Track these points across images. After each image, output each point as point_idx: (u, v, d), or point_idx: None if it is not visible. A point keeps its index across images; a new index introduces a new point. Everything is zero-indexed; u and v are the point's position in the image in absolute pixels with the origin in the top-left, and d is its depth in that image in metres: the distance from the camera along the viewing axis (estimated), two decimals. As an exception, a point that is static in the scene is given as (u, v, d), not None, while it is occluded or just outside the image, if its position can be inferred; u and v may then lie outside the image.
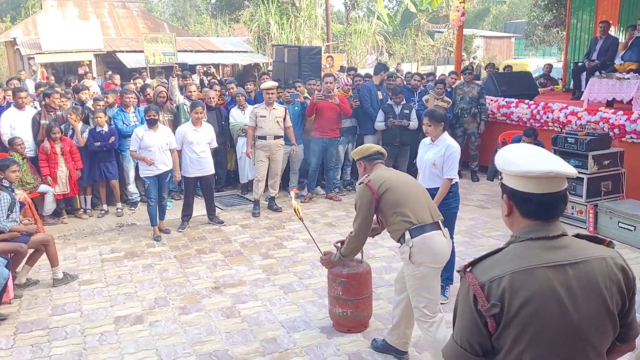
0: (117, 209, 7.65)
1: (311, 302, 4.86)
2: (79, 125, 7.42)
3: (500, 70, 13.46)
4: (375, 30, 25.88)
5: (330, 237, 6.43)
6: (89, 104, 7.96)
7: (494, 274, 1.60)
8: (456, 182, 4.70)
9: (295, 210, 4.34)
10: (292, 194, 4.85)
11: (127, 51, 16.76)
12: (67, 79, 10.78)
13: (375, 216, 3.67)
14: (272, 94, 7.36)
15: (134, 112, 7.79)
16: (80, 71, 13.62)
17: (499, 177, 1.77)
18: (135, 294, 5.14)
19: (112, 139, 7.40)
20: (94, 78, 13.98)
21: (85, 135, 7.36)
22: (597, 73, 8.47)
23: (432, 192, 4.46)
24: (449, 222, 4.45)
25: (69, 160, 7.18)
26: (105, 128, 7.41)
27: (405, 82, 9.80)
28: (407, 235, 3.42)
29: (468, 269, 1.67)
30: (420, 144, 4.87)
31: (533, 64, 21.27)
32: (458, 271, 1.71)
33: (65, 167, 7.17)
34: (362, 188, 3.57)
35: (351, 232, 3.70)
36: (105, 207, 7.63)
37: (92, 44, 16.47)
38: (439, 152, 4.57)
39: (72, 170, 7.20)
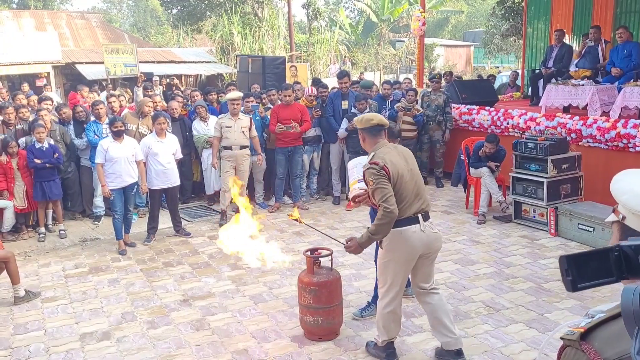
0: (59, 230, 7.21)
1: (282, 312, 4.84)
2: (22, 140, 7.13)
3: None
4: (338, 40, 26.09)
5: (298, 246, 6.43)
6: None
7: (623, 349, 1.16)
8: None
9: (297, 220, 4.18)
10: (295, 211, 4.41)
11: (86, 62, 16.45)
12: (14, 93, 10.16)
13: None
14: (237, 104, 7.34)
15: (107, 124, 7.52)
16: (39, 83, 13.30)
17: (620, 217, 1.39)
18: (101, 309, 5.03)
19: (56, 155, 7.00)
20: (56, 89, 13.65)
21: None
22: (553, 80, 8.74)
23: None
24: None
25: (25, 175, 6.99)
26: (46, 144, 6.96)
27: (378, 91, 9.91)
28: None
29: (582, 339, 1.24)
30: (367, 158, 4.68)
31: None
32: (563, 339, 1.30)
33: (22, 182, 6.97)
34: (377, 171, 3.53)
35: (380, 208, 3.51)
36: (43, 230, 7.12)
37: (50, 55, 16.09)
38: None
39: (28, 185, 6.99)
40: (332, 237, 4.46)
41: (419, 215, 3.66)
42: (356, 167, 4.29)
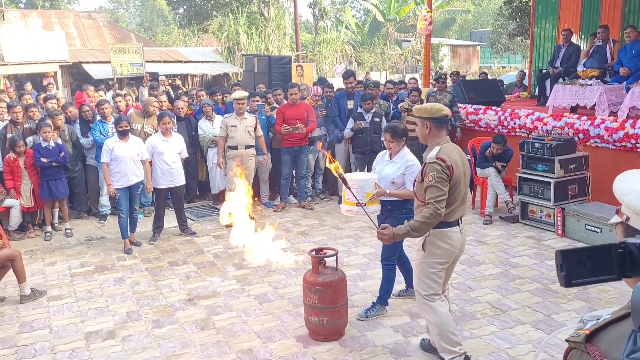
0: (65, 229, 7.20)
1: (287, 312, 4.83)
2: (30, 139, 7.15)
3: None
4: (344, 40, 26.10)
5: (304, 245, 6.42)
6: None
7: None
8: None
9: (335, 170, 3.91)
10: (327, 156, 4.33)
11: (93, 62, 16.54)
12: (20, 93, 10.06)
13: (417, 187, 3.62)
14: (243, 104, 7.34)
15: (113, 123, 7.36)
16: (45, 82, 13.36)
17: (624, 218, 1.37)
18: (106, 308, 5.03)
19: (62, 154, 7.00)
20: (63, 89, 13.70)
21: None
22: (560, 80, 8.69)
23: (387, 205, 4.39)
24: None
25: (32, 173, 7.01)
26: (52, 143, 6.97)
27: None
28: None
29: (587, 341, 1.23)
30: (378, 157, 4.64)
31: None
32: (569, 341, 1.29)
33: (29, 181, 6.99)
34: (442, 168, 3.43)
35: (430, 206, 3.41)
36: (49, 228, 7.14)
37: (57, 54, 16.17)
38: (398, 170, 4.37)
39: (35, 184, 7.01)
40: (369, 216, 3.98)
41: (459, 219, 3.66)
42: (357, 188, 3.96)
